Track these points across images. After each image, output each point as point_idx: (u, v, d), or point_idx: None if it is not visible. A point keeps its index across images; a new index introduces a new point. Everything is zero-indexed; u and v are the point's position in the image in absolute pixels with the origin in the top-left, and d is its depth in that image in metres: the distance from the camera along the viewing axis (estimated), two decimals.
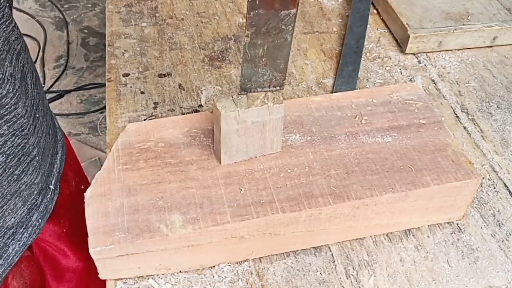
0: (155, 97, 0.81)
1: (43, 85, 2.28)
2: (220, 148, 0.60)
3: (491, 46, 0.93)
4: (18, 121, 0.60)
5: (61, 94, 2.25)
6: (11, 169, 0.60)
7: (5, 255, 0.63)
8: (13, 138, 0.59)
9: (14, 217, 0.62)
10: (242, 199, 0.58)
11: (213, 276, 0.60)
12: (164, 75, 0.85)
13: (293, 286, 0.60)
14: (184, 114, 0.78)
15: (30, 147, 0.63)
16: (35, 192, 0.65)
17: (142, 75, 0.85)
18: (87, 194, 0.59)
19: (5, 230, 0.62)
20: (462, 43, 0.91)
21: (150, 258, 0.57)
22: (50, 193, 0.68)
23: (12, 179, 0.60)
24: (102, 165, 0.62)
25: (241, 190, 0.59)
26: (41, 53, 2.42)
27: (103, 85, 2.20)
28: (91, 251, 0.54)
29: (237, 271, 0.61)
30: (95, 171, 0.62)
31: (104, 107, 1.92)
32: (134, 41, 0.91)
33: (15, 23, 0.60)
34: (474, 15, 0.93)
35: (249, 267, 0.61)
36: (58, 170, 0.71)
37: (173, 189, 0.59)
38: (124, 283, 0.59)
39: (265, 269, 0.61)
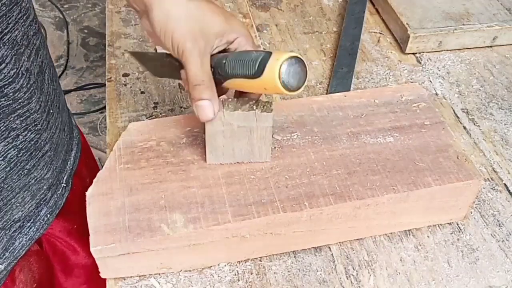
0: (155, 97, 0.81)
1: None
2: (206, 147, 0.60)
3: (491, 46, 0.93)
4: (31, 116, 0.59)
5: None
6: (22, 163, 0.60)
7: (11, 248, 0.62)
8: (26, 132, 0.59)
9: (22, 211, 0.62)
10: (243, 199, 0.58)
11: (214, 276, 0.60)
12: None
13: (293, 286, 0.60)
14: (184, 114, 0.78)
15: (43, 142, 0.62)
16: (45, 187, 0.65)
17: (142, 75, 0.85)
18: (88, 193, 0.59)
19: (12, 223, 0.62)
20: (462, 43, 0.91)
21: (151, 257, 0.57)
22: (61, 189, 0.68)
23: (22, 173, 0.60)
24: (102, 165, 0.62)
25: (242, 190, 0.59)
26: None
27: (103, 85, 2.20)
28: (92, 249, 0.54)
29: (237, 270, 0.61)
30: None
31: (104, 107, 1.92)
32: (134, 41, 0.91)
33: (33, 18, 0.60)
34: (474, 15, 0.93)
35: (250, 266, 0.61)
36: (71, 167, 0.71)
37: (175, 189, 0.59)
38: (125, 282, 0.59)
39: (266, 268, 0.61)
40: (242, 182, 0.60)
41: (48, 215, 0.66)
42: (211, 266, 0.61)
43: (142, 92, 0.82)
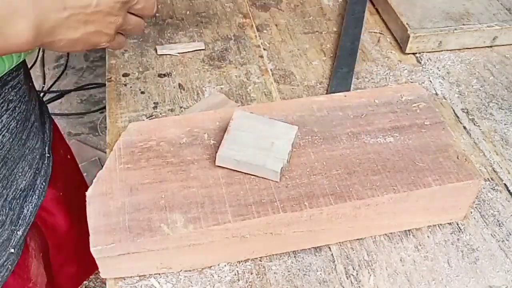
0: (155, 97, 0.81)
1: (43, 85, 2.28)
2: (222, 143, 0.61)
3: (491, 46, 0.93)
4: (22, 87, 0.62)
5: (61, 94, 2.24)
6: (19, 134, 0.64)
7: (22, 216, 0.67)
8: (20, 104, 0.63)
9: (25, 180, 0.66)
10: (243, 199, 0.58)
11: (214, 276, 0.60)
12: (164, 75, 0.85)
13: (293, 286, 0.60)
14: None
15: (30, 113, 0.66)
16: (37, 157, 0.69)
17: (142, 75, 0.85)
18: (88, 193, 0.59)
19: (20, 192, 0.66)
20: (462, 43, 0.91)
21: (151, 257, 0.57)
22: (46, 159, 0.72)
23: (20, 143, 0.64)
24: (102, 165, 0.62)
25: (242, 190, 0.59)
26: (41, 53, 2.42)
27: (103, 85, 2.20)
28: (92, 249, 0.54)
29: (237, 270, 0.61)
30: (95, 171, 0.62)
31: (104, 107, 1.92)
32: (134, 41, 0.91)
33: None
34: (474, 15, 0.93)
35: (250, 266, 0.61)
36: (49, 138, 0.75)
37: (175, 189, 0.59)
38: (125, 282, 0.59)
39: (266, 268, 0.61)
40: (242, 182, 0.60)
41: (43, 183, 0.71)
42: (211, 266, 0.61)
43: (142, 92, 0.82)
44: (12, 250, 0.65)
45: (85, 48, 0.58)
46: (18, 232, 0.66)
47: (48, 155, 0.74)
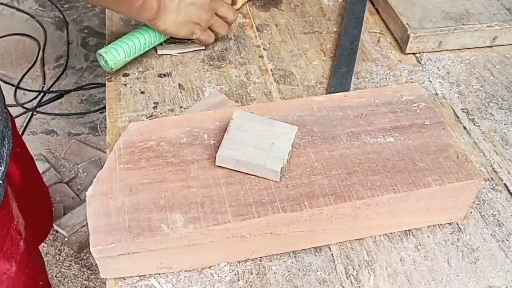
0: (155, 97, 0.81)
1: (43, 85, 2.28)
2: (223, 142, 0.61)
3: (491, 46, 0.93)
4: None
5: (61, 94, 2.24)
6: None
7: (1, 155, 0.72)
8: None
9: (2, 125, 0.72)
10: (243, 199, 0.58)
11: (214, 276, 0.60)
12: (164, 75, 0.85)
13: (293, 286, 0.60)
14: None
15: None
16: (3, 110, 0.75)
17: (142, 75, 0.85)
18: (88, 193, 0.59)
19: (1, 136, 0.72)
20: (462, 43, 0.91)
21: (151, 257, 0.57)
22: (5, 114, 0.77)
23: None
24: (102, 165, 0.62)
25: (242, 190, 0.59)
26: (41, 53, 2.42)
27: (103, 85, 2.20)
28: (92, 249, 0.54)
29: (237, 270, 0.61)
30: (95, 171, 0.62)
31: (104, 107, 1.92)
32: None
33: None
34: (474, 15, 0.93)
35: (250, 266, 0.61)
36: (2, 97, 0.79)
37: (175, 189, 0.59)
38: (125, 282, 0.59)
39: (266, 268, 0.61)
40: (242, 182, 0.60)
41: (9, 132, 0.76)
42: (211, 266, 0.61)
43: (142, 92, 0.82)
44: (0, 182, 0.70)
45: (180, 36, 0.83)
46: (1, 167, 0.71)
47: (6, 110, 0.78)
